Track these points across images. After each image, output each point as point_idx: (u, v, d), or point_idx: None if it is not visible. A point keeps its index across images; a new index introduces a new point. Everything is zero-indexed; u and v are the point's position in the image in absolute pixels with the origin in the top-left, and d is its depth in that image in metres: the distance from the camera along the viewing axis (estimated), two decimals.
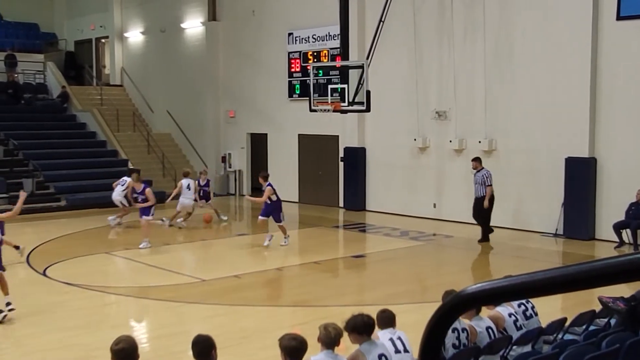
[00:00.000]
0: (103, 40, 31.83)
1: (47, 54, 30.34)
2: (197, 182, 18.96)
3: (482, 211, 15.61)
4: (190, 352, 5.37)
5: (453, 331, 6.13)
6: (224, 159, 25.62)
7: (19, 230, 18.66)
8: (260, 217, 15.59)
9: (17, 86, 27.09)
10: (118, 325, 9.77)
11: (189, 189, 18.17)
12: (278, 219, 15.37)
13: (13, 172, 22.18)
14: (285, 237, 15.40)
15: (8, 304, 9.90)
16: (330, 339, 5.44)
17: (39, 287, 12.27)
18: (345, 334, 5.69)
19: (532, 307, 7.34)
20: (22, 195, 10.70)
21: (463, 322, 6.36)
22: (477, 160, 15.96)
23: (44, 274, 12.99)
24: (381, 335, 6.03)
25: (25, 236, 17.96)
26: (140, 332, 9.91)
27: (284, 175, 22.69)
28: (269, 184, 15.24)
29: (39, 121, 25.71)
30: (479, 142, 17.89)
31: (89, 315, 10.53)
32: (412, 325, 6.33)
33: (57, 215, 20.44)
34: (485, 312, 6.91)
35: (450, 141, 18.64)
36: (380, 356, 5.63)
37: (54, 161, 23.41)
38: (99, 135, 25.98)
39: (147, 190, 15.83)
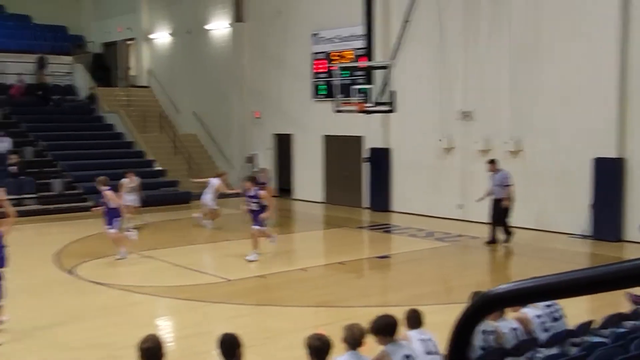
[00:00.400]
0: (130, 42, 32.10)
1: (75, 56, 30.66)
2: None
3: (501, 212, 15.36)
4: (215, 352, 5.40)
5: (482, 333, 6.10)
6: (249, 160, 25.72)
7: (46, 230, 18.95)
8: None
9: (47, 88, 27.40)
10: (144, 324, 9.83)
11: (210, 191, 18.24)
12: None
13: (42, 172, 22.46)
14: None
15: None
16: (354, 340, 5.43)
17: (66, 286, 12.40)
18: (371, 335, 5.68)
19: (559, 309, 7.27)
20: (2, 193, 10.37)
21: (489, 323, 6.32)
22: (493, 162, 15.72)
23: (71, 273, 13.13)
24: (410, 335, 6.00)
25: (52, 236, 18.22)
26: (166, 332, 9.97)
27: (309, 176, 22.73)
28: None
29: (67, 122, 26.01)
30: (505, 142, 17.76)
31: (115, 314, 10.63)
32: (439, 326, 6.31)
33: (84, 216, 20.61)
34: (509, 314, 6.86)
35: (476, 142, 18.53)
36: (405, 357, 5.61)
37: (81, 162, 23.66)
38: (126, 136, 26.22)
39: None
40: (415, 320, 6.18)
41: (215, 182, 18.49)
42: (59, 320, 10.18)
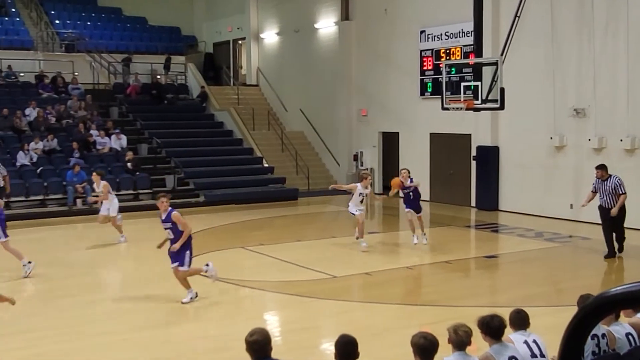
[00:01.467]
0: (240, 42, 32.87)
1: (187, 55, 31.68)
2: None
3: (615, 222, 13.99)
4: (322, 347, 5.45)
5: (592, 337, 5.89)
6: (355, 158, 25.82)
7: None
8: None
9: (161, 87, 28.44)
10: (252, 318, 10.07)
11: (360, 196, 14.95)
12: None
13: (156, 168, 23.33)
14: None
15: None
16: (461, 341, 5.36)
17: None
18: (477, 334, 5.60)
19: None
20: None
21: (602, 327, 6.12)
22: (602, 168, 14.01)
23: None
24: (514, 338, 5.87)
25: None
26: (273, 326, 10.18)
27: (415, 174, 22.52)
28: None
29: (180, 120, 26.91)
30: (620, 140, 17.08)
31: (225, 307, 10.94)
32: (548, 329, 6.18)
33: (195, 211, 21.27)
34: (623, 318, 6.61)
35: (590, 139, 17.92)
36: (511, 358, 5.52)
37: (193, 158, 24.43)
38: (236, 133, 26.85)
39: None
40: (520, 321, 6.01)
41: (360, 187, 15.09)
42: (171, 312, 10.58)
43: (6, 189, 17.89)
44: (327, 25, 26.83)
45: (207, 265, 11.24)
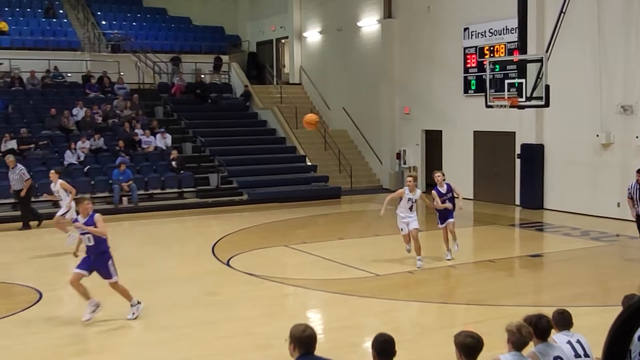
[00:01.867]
0: (283, 41, 33.01)
1: (231, 55, 31.93)
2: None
3: None
4: (364, 345, 5.44)
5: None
6: (398, 156, 25.76)
7: (204, 222, 19.89)
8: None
9: (205, 86, 28.73)
10: (296, 315, 10.12)
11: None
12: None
13: (200, 167, 23.58)
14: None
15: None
16: (523, 342, 5.24)
17: (223, 276, 13.00)
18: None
19: None
20: None
21: None
22: None
23: (227, 264, 13.73)
24: (557, 338, 5.80)
25: (210, 228, 19.11)
26: (315, 323, 10.20)
27: (458, 172, 22.44)
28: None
29: (224, 119, 27.15)
30: None
31: (268, 305, 11.03)
32: (593, 329, 6.11)
33: (239, 209, 21.48)
34: None
35: (637, 137, 17.60)
36: (556, 358, 5.47)
37: (236, 157, 24.64)
38: (279, 132, 26.99)
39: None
40: (563, 321, 5.93)
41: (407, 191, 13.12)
42: (216, 309, 10.70)
43: (22, 193, 18.01)
44: (369, 23, 26.80)
45: (138, 302, 10.05)
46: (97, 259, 9.70)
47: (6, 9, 29.77)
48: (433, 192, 13.65)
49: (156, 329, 9.67)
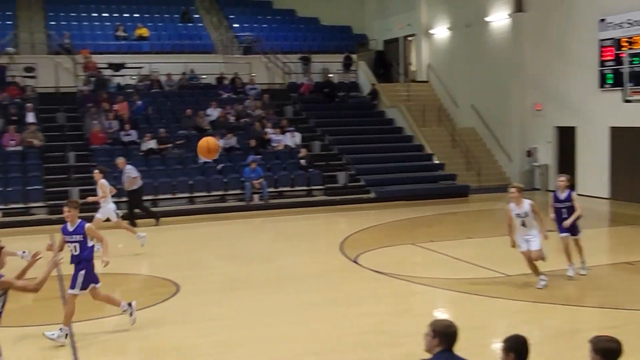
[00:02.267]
0: (410, 38, 32.89)
1: (358, 54, 32.14)
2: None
3: None
4: (492, 347, 5.38)
5: None
6: (529, 154, 25.10)
7: (333, 219, 20.17)
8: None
9: (333, 85, 29.06)
10: (423, 314, 10.10)
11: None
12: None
13: (328, 165, 23.90)
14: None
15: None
16: None
17: (351, 273, 13.14)
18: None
19: None
20: None
21: None
22: None
23: (355, 261, 13.87)
24: None
25: (338, 225, 19.36)
26: None
27: (594, 170, 21.64)
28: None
29: (351, 117, 27.37)
30: None
31: (396, 303, 11.07)
32: None
33: (366, 207, 21.61)
34: None
35: None
36: None
37: (364, 155, 24.79)
38: (406, 130, 26.92)
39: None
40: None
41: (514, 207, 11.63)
42: (344, 305, 10.84)
43: (125, 188, 18.45)
44: (499, 18, 26.24)
45: (129, 304, 9.63)
46: (76, 266, 9.19)
47: (146, 15, 31.32)
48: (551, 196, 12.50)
49: (286, 324, 9.89)
